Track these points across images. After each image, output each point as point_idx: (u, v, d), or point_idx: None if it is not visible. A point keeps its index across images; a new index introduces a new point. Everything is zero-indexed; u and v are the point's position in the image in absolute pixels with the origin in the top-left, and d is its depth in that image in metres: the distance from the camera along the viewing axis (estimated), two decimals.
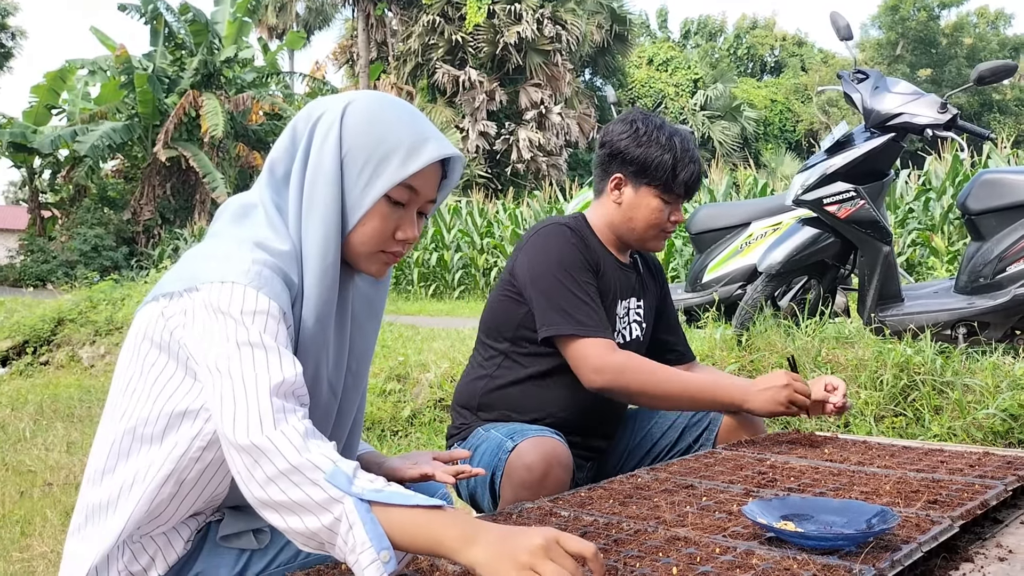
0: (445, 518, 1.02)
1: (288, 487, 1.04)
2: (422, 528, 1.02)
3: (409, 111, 1.32)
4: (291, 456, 1.04)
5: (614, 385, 1.92)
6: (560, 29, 23.55)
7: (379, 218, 1.28)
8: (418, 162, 1.26)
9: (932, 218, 8.12)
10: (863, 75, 4.09)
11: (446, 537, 1.01)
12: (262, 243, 1.23)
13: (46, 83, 19.33)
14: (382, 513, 1.02)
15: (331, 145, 1.27)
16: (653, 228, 2.08)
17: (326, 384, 1.32)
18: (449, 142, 1.32)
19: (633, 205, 2.07)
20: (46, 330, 8.38)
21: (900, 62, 35.83)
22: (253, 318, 1.14)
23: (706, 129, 29.60)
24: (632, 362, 1.94)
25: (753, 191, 10.05)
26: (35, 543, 2.95)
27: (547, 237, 2.02)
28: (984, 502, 1.39)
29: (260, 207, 1.30)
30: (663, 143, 2.04)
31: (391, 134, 1.27)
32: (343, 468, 1.04)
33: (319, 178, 1.26)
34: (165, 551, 1.26)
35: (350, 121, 1.28)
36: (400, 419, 4.50)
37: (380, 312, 1.47)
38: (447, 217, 12.91)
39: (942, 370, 3.26)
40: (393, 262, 1.36)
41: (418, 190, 1.30)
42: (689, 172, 2.05)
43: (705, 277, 5.30)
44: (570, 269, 1.96)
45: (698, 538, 1.21)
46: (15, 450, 4.50)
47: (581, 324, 1.92)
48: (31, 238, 20.04)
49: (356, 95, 1.32)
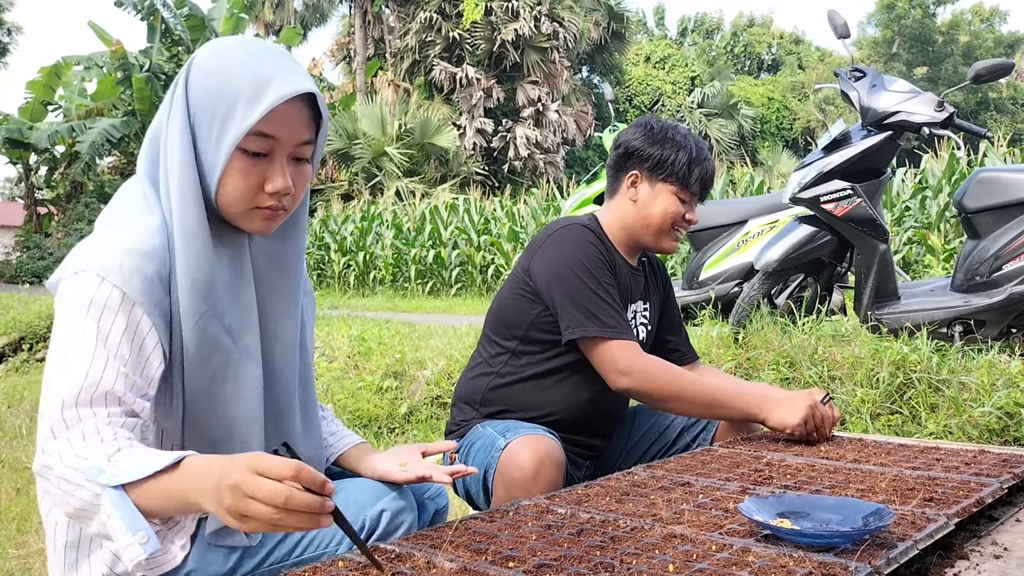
0: (180, 477, 1.01)
1: (66, 497, 1.05)
2: (165, 494, 1.01)
3: (253, 51, 1.23)
4: (58, 468, 1.06)
5: (640, 388, 1.93)
6: (557, 26, 23.54)
7: (239, 174, 1.22)
8: (261, 107, 1.18)
9: (928, 216, 8.13)
10: (860, 73, 4.09)
11: (187, 496, 1.00)
12: (128, 224, 1.22)
13: (42, 79, 19.27)
14: (136, 492, 1.01)
15: (178, 108, 1.23)
16: (668, 225, 2.07)
17: (233, 350, 1.27)
18: (302, 76, 1.23)
19: (649, 202, 2.07)
20: (42, 327, 8.35)
21: (896, 60, 35.86)
22: (88, 309, 1.14)
23: (703, 127, 29.60)
24: (659, 366, 1.95)
25: (750, 189, 10.06)
26: (31, 539, 2.94)
27: (566, 237, 2.02)
28: (980, 500, 1.39)
29: (136, 182, 1.28)
30: (679, 141, 2.06)
31: (232, 82, 1.20)
32: (96, 461, 1.03)
33: (171, 142, 1.23)
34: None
35: (194, 78, 1.23)
36: (397, 416, 4.50)
37: (295, 269, 1.39)
38: (444, 214, 12.90)
39: (938, 368, 3.27)
40: (274, 216, 1.27)
41: (276, 136, 1.21)
42: (704, 169, 2.07)
43: (702, 275, 5.30)
44: (592, 269, 1.97)
45: (694, 535, 1.22)
46: (11, 447, 4.50)
47: (606, 325, 1.93)
48: (27, 235, 19.99)
49: (205, 47, 1.27)
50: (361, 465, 1.51)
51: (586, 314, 1.93)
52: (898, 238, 8.05)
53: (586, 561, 1.12)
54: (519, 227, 11.74)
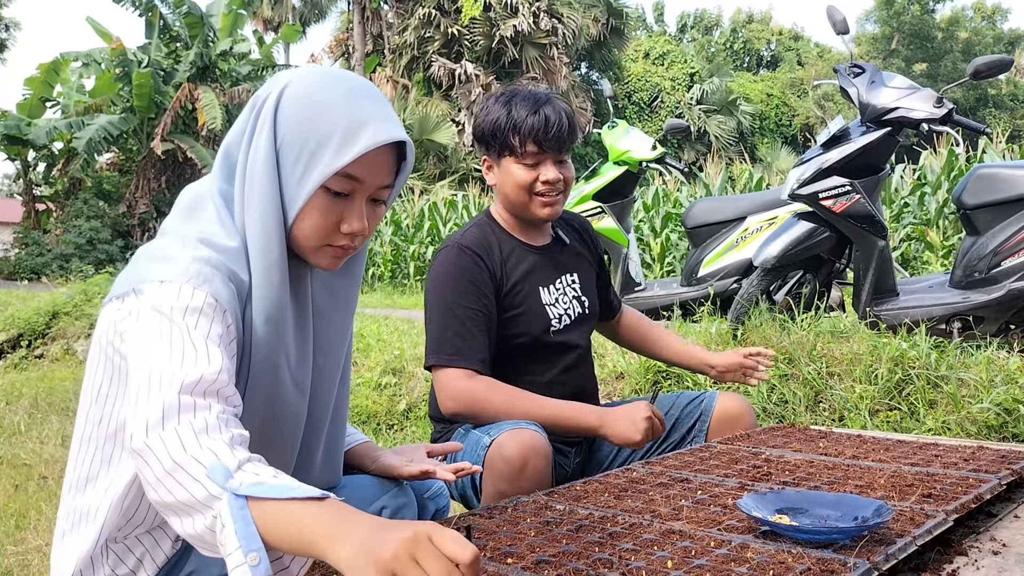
0: (319, 512, 0.91)
1: (173, 486, 0.96)
2: (293, 524, 0.91)
3: (349, 91, 1.21)
4: (175, 453, 0.97)
5: (465, 411, 1.93)
6: (556, 22, 23.51)
7: (318, 211, 1.20)
8: (353, 151, 1.17)
9: (927, 212, 8.13)
10: (859, 69, 4.09)
11: (314, 534, 0.89)
12: (207, 240, 1.18)
13: (40, 75, 19.22)
14: (259, 509, 0.92)
15: (266, 134, 1.20)
16: (524, 194, 2.02)
17: (290, 383, 1.26)
18: (395, 124, 1.21)
19: (504, 181, 2.05)
20: (41, 323, 8.35)
21: (896, 56, 35.83)
22: (184, 314, 1.09)
23: (702, 123, 29.59)
24: (487, 389, 1.92)
25: (749, 185, 10.06)
26: (30, 536, 2.94)
27: (439, 263, 2.03)
28: (978, 496, 1.40)
29: (209, 199, 1.23)
30: (498, 108, 2.01)
31: (325, 119, 1.18)
32: (225, 461, 0.95)
33: (255, 171, 1.19)
34: (153, 552, 1.24)
35: (285, 106, 1.20)
36: (395, 413, 4.50)
37: (350, 303, 1.39)
38: (443, 211, 12.90)
39: (937, 364, 3.27)
40: (344, 255, 1.27)
41: (361, 179, 1.20)
42: (531, 124, 1.95)
43: (701, 271, 5.30)
44: (451, 296, 1.97)
45: (693, 532, 1.22)
46: (10, 444, 4.50)
47: (446, 353, 1.94)
48: (26, 231, 19.96)
49: (297, 74, 1.23)
50: (366, 461, 1.52)
51: (433, 341, 1.97)
52: (897, 234, 8.06)
53: (585, 557, 1.12)
54: None
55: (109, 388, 1.20)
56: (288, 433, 1.28)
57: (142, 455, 0.99)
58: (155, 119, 18.56)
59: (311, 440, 1.35)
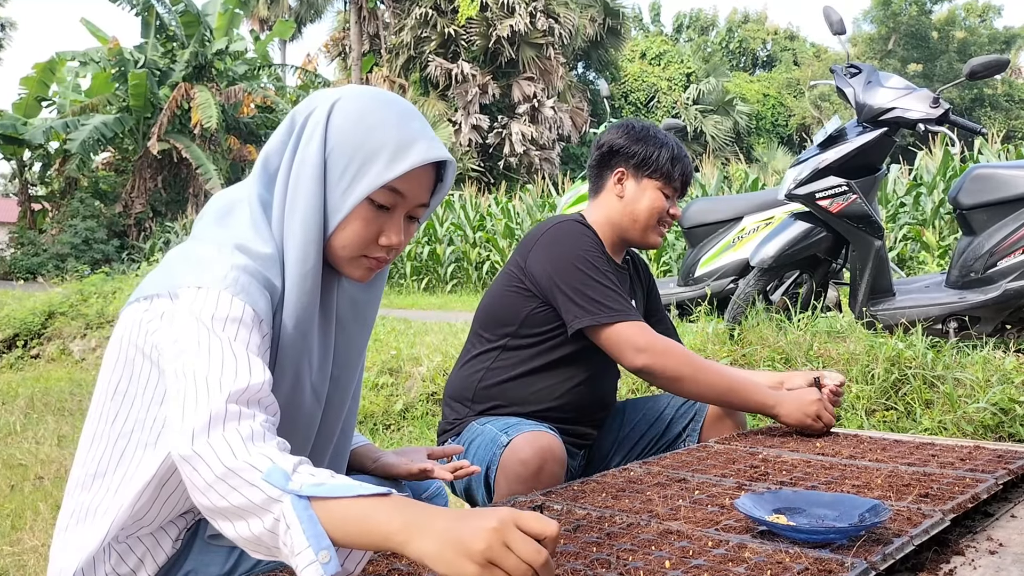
0: (390, 507, 0.93)
1: (227, 491, 0.97)
2: (365, 521, 0.93)
3: (400, 111, 1.26)
4: (227, 459, 0.98)
5: (656, 365, 1.94)
6: (553, 22, 23.49)
7: (361, 222, 1.23)
8: (403, 165, 1.21)
9: (923, 213, 8.15)
10: (856, 70, 4.09)
11: (391, 529, 0.91)
12: (243, 246, 1.20)
13: (35, 75, 19.19)
14: (322, 509, 0.94)
15: (316, 143, 1.22)
16: (654, 220, 2.12)
17: (309, 391, 1.28)
18: (441, 145, 1.27)
19: (635, 198, 2.12)
20: (37, 323, 8.34)
21: (892, 57, 35.87)
22: (224, 325, 1.11)
23: (698, 123, 29.60)
24: (676, 346, 1.99)
25: (745, 185, 10.07)
26: (26, 537, 2.94)
27: (563, 231, 2.06)
28: (975, 496, 1.40)
29: (246, 204, 1.25)
30: (660, 139, 2.14)
31: (377, 134, 1.22)
32: (281, 465, 0.97)
33: (302, 178, 1.22)
34: (154, 552, 1.24)
35: (337, 118, 1.24)
36: (392, 413, 4.50)
37: (370, 317, 1.42)
38: (440, 210, 12.88)
39: (933, 364, 3.28)
40: (377, 268, 1.30)
41: (404, 194, 1.24)
42: (684, 166, 2.15)
43: (697, 271, 5.31)
44: (592, 260, 2.00)
45: (691, 531, 1.22)
46: (5, 444, 4.49)
47: (614, 311, 1.95)
48: (21, 231, 19.93)
49: (348, 91, 1.28)
50: (366, 462, 1.54)
51: (591, 303, 1.96)
52: (893, 235, 8.07)
53: (582, 557, 1.12)
54: (515, 223, 11.74)
55: (128, 386, 1.21)
56: (300, 439, 1.29)
57: (190, 462, 1.00)
58: (151, 119, 18.53)
59: (320, 449, 1.37)
